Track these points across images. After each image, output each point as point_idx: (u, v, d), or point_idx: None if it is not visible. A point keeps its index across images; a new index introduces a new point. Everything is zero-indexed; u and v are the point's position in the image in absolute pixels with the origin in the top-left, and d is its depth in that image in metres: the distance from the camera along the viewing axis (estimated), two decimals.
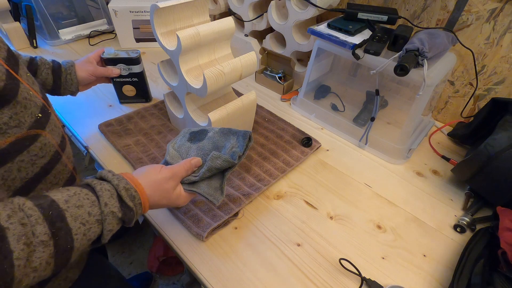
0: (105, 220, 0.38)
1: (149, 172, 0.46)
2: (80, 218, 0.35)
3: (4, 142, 0.36)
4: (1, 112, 0.36)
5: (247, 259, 0.54)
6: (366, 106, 0.85)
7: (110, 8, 1.06)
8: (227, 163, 0.51)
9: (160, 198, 0.45)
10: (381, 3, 0.87)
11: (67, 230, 0.34)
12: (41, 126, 0.42)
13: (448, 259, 0.56)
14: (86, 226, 0.36)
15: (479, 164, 0.60)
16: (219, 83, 0.61)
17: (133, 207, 0.41)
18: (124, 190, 0.40)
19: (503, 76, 0.75)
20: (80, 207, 0.36)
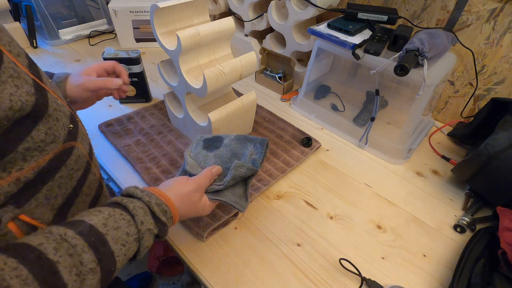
0: (142, 238, 0.38)
1: (175, 185, 0.46)
2: (120, 240, 0.35)
3: (43, 160, 0.35)
4: (36, 130, 0.34)
5: (247, 259, 0.54)
6: (366, 106, 0.85)
7: (110, 8, 1.06)
8: (250, 171, 0.52)
9: (188, 210, 0.46)
10: (381, 3, 0.87)
11: (110, 254, 0.34)
12: (74, 137, 0.40)
13: (448, 259, 0.56)
14: (126, 247, 0.36)
15: (479, 164, 0.60)
16: (219, 83, 0.61)
17: (166, 222, 0.41)
18: (156, 206, 0.40)
19: (503, 76, 0.75)
20: (118, 228, 0.36)
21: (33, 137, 0.33)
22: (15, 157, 0.32)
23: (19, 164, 0.32)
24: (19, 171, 0.32)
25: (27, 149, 0.33)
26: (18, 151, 0.32)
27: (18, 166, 0.32)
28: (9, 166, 0.32)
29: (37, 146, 0.34)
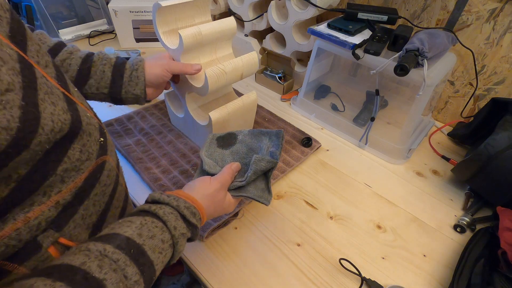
0: (177, 243, 0.38)
1: (200, 186, 0.46)
2: (158, 248, 0.35)
3: (80, 179, 0.33)
4: (72, 149, 0.32)
5: (247, 259, 0.54)
6: (366, 106, 0.85)
7: (110, 8, 1.06)
8: (271, 164, 0.52)
9: (214, 209, 0.46)
10: (381, 3, 0.87)
11: (150, 263, 0.34)
12: (105, 151, 0.38)
13: (448, 259, 0.56)
14: (163, 254, 0.36)
15: (479, 164, 0.60)
16: (220, 82, 0.61)
17: (197, 224, 0.41)
18: (185, 209, 0.40)
19: (503, 76, 0.75)
20: (153, 237, 0.35)
21: (70, 156, 0.32)
22: (55, 180, 0.31)
23: (58, 186, 0.31)
24: (58, 194, 0.31)
25: (65, 170, 0.31)
26: (57, 173, 0.31)
27: (57, 189, 0.31)
28: (49, 190, 0.30)
29: (73, 166, 0.32)
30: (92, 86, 0.53)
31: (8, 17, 0.29)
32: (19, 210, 0.28)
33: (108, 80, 0.54)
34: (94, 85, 0.53)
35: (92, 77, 0.53)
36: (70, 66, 0.52)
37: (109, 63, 0.55)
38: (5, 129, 0.24)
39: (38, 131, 0.27)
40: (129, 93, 0.56)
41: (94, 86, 0.53)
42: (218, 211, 0.47)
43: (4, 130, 0.24)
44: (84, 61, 0.53)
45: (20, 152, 0.26)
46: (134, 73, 0.55)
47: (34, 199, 0.29)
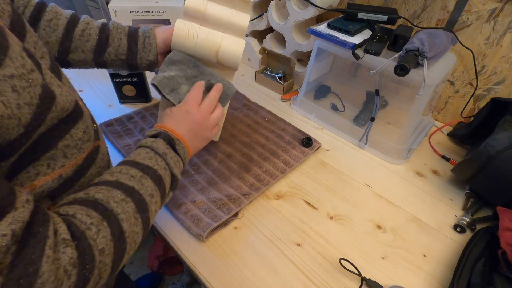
0: (153, 148, 0.44)
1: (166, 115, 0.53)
2: (146, 157, 0.43)
3: (80, 158, 0.38)
4: (76, 128, 0.37)
5: (247, 259, 0.54)
6: (366, 106, 0.85)
7: (110, 8, 1.06)
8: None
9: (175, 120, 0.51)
10: (381, 3, 0.87)
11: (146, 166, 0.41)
12: (98, 137, 0.43)
13: (448, 259, 0.56)
14: (153, 159, 0.43)
15: (479, 164, 0.60)
16: (187, 42, 0.57)
17: (160, 131, 0.47)
18: (148, 132, 0.48)
19: (503, 76, 0.75)
20: (139, 154, 0.43)
21: (72, 135, 0.36)
22: (56, 154, 0.34)
23: (61, 161, 0.35)
24: (61, 168, 0.35)
25: (67, 146, 0.35)
26: (58, 147, 0.34)
27: (60, 163, 0.35)
28: (52, 163, 0.34)
29: (75, 144, 0.37)
30: (111, 53, 0.57)
31: (10, 10, 0.32)
32: (26, 178, 0.32)
33: (125, 47, 0.57)
34: (113, 52, 0.57)
35: (111, 45, 0.56)
36: (90, 35, 0.55)
37: (123, 31, 0.58)
38: (28, 105, 0.28)
39: (52, 108, 0.31)
40: (144, 59, 0.58)
41: (113, 53, 0.57)
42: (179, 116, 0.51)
43: (27, 105, 0.28)
44: (101, 30, 0.56)
45: (40, 125, 0.30)
46: (146, 40, 0.58)
47: (39, 170, 0.33)
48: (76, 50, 0.54)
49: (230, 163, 0.70)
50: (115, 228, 0.34)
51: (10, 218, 0.25)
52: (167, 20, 1.01)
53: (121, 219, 0.35)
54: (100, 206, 0.34)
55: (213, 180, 0.66)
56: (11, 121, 0.27)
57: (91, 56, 0.56)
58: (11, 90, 0.26)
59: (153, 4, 1.07)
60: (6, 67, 0.26)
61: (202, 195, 0.63)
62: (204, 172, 0.68)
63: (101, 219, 0.33)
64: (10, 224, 0.25)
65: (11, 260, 0.25)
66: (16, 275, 0.25)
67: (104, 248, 0.32)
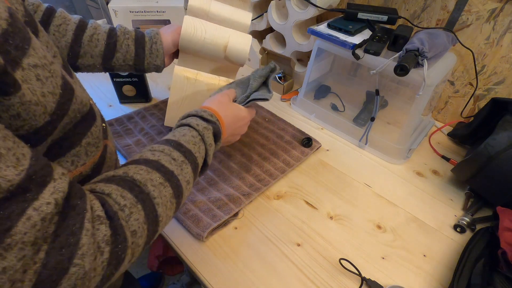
0: (204, 135, 0.45)
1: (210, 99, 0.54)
2: (191, 141, 0.43)
3: (97, 155, 0.39)
4: (95, 126, 0.38)
5: (247, 259, 0.54)
6: (366, 106, 0.85)
7: (110, 8, 1.06)
8: (267, 69, 0.58)
9: (226, 111, 0.52)
10: (381, 3, 0.87)
11: (189, 152, 0.41)
12: (106, 136, 0.44)
13: (448, 259, 0.56)
14: (197, 146, 0.43)
15: (479, 164, 0.60)
16: (195, 37, 0.58)
17: (215, 121, 0.48)
18: (202, 112, 0.48)
19: (503, 76, 0.75)
20: (185, 135, 0.43)
21: (92, 132, 0.37)
22: (80, 151, 0.35)
23: (83, 158, 0.36)
24: (83, 166, 0.36)
25: (88, 144, 0.36)
26: (82, 145, 0.35)
27: (82, 161, 0.36)
28: (76, 160, 0.35)
29: (94, 141, 0.37)
30: (119, 59, 0.59)
31: (23, 10, 0.33)
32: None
33: (133, 53, 0.59)
34: (121, 58, 0.59)
35: (119, 51, 0.58)
36: (98, 41, 0.57)
37: (131, 37, 0.59)
38: (52, 94, 0.29)
39: (73, 100, 0.32)
40: (151, 64, 0.61)
41: (121, 58, 0.59)
42: (232, 115, 0.53)
43: (51, 94, 0.29)
44: (109, 35, 0.57)
45: (64, 116, 0.31)
46: (154, 46, 0.60)
47: (63, 166, 0.34)
48: (85, 55, 0.56)
49: (230, 163, 0.70)
50: (150, 211, 0.34)
51: (52, 187, 0.25)
52: (167, 20, 1.01)
53: (156, 203, 0.34)
54: (136, 188, 0.33)
55: (213, 180, 0.66)
56: (38, 108, 0.27)
57: (100, 61, 0.57)
58: (36, 79, 0.27)
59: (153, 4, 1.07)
60: (30, 56, 0.27)
61: (202, 195, 0.63)
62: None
63: (135, 201, 0.32)
64: (53, 193, 0.25)
65: (54, 229, 0.25)
66: (59, 244, 0.25)
67: (136, 230, 0.32)
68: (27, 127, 0.27)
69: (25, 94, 0.26)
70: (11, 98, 0.25)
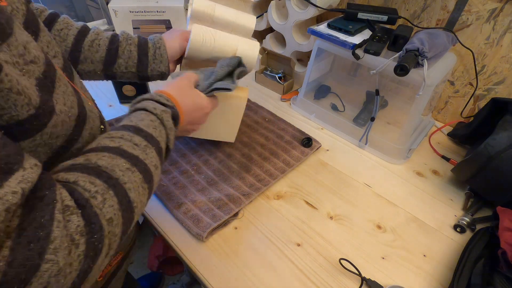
0: (162, 119, 0.42)
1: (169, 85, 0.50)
2: (150, 125, 0.40)
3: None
4: (85, 130, 0.37)
5: (247, 259, 0.54)
6: (366, 106, 0.85)
7: (110, 8, 1.06)
8: (233, 60, 0.55)
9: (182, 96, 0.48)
10: (381, 3, 0.87)
11: (150, 136, 0.39)
12: None
13: (448, 259, 0.56)
14: (157, 130, 0.40)
15: (479, 164, 0.60)
16: (204, 46, 0.57)
17: (172, 105, 0.45)
18: (158, 96, 0.44)
19: (503, 76, 0.75)
20: (143, 119, 0.40)
21: (83, 137, 0.36)
22: (70, 157, 0.33)
23: None
24: None
25: (79, 150, 0.35)
26: (72, 151, 0.34)
27: None
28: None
29: (83, 147, 0.36)
30: (121, 65, 0.56)
31: (24, 10, 0.33)
32: None
33: (135, 59, 0.56)
34: (123, 65, 0.56)
35: (121, 57, 0.56)
36: (99, 46, 0.55)
37: (133, 43, 0.57)
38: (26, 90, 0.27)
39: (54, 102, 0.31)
40: (155, 71, 0.58)
41: (123, 65, 0.56)
42: (192, 102, 0.50)
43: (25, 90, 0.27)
44: (111, 41, 0.56)
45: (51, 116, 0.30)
46: (157, 51, 0.57)
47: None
48: (85, 60, 0.54)
49: (230, 163, 0.70)
50: (122, 197, 0.32)
51: (20, 176, 0.23)
52: (167, 20, 1.01)
53: (128, 188, 0.32)
54: (104, 174, 0.31)
55: (213, 180, 0.66)
56: (20, 98, 0.26)
57: (101, 67, 0.55)
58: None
59: (153, 4, 1.07)
60: (1, 52, 0.26)
61: (202, 195, 0.62)
62: (204, 172, 0.68)
63: (106, 187, 0.30)
64: (20, 182, 0.23)
65: (18, 223, 0.23)
66: (26, 239, 0.23)
67: (112, 218, 0.30)
68: (6, 117, 0.26)
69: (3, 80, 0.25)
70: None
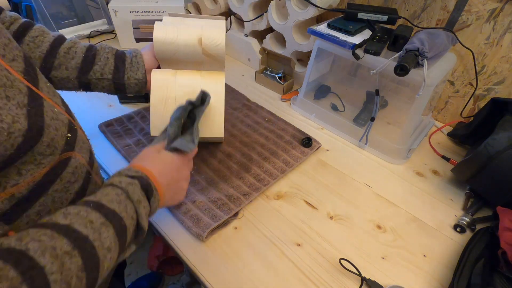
0: (128, 192, 0.39)
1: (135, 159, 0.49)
2: (114, 200, 0.37)
3: (39, 174, 0.33)
4: (40, 142, 0.32)
5: (247, 259, 0.54)
6: (366, 106, 0.85)
7: (110, 8, 1.07)
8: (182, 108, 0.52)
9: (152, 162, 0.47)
10: (381, 3, 0.87)
11: (112, 212, 0.35)
12: (71, 147, 0.39)
13: (448, 259, 0.56)
14: (122, 204, 0.37)
15: (479, 164, 0.60)
16: (168, 37, 0.58)
17: (142, 176, 0.42)
18: (126, 170, 0.42)
19: (503, 76, 0.75)
20: (107, 194, 0.37)
21: (36, 151, 0.32)
22: (10, 171, 0.30)
23: (14, 178, 0.31)
24: (14, 186, 0.31)
25: (23, 163, 0.31)
26: (15, 165, 0.30)
27: (13, 181, 0.31)
28: (4, 181, 0.30)
29: (33, 159, 0.32)
30: (96, 72, 0.56)
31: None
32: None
33: (112, 66, 0.56)
34: (99, 71, 0.56)
35: (97, 64, 0.56)
36: (75, 53, 0.55)
37: (111, 52, 0.58)
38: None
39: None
40: (132, 78, 0.58)
41: (99, 72, 0.56)
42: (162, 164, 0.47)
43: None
44: (88, 49, 0.56)
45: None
46: (134, 59, 0.58)
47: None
48: (59, 67, 0.53)
49: (230, 163, 0.70)
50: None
51: None
52: None
53: (53, 280, 0.27)
54: (26, 262, 0.26)
55: (213, 180, 0.66)
56: None
57: (75, 74, 0.55)
58: None
59: (153, 4, 1.07)
60: None
61: (202, 195, 0.63)
62: (204, 172, 0.68)
63: (19, 281, 0.25)
64: None
65: None
66: None
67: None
68: None
69: None
70: None
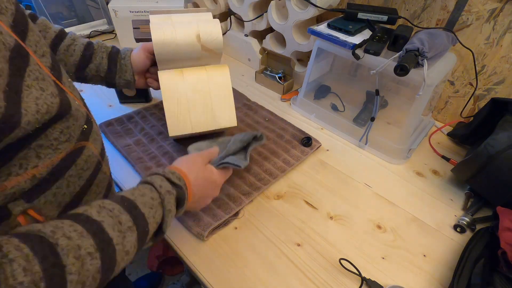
0: (164, 199, 0.42)
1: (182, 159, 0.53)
2: (148, 204, 0.40)
3: (56, 158, 0.36)
4: (52, 128, 0.35)
5: (247, 259, 0.54)
6: (366, 106, 0.85)
7: (110, 8, 1.06)
8: (249, 135, 0.60)
9: (197, 174, 0.50)
10: (381, 3, 0.87)
11: (142, 216, 0.39)
12: (86, 138, 0.42)
13: (448, 259, 0.56)
14: (153, 210, 0.40)
15: (479, 164, 0.60)
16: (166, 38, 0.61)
17: (182, 186, 0.45)
18: (170, 173, 0.45)
19: (503, 76, 0.75)
20: (144, 195, 0.40)
21: (47, 135, 0.35)
22: (29, 154, 0.33)
23: (34, 161, 0.34)
24: (34, 168, 0.34)
25: (40, 146, 0.34)
26: (31, 147, 0.33)
27: (33, 163, 0.34)
28: (25, 163, 0.33)
29: (50, 144, 0.35)
30: (92, 69, 0.63)
31: (13, 9, 0.33)
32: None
33: (105, 66, 0.64)
34: (94, 68, 0.63)
35: (93, 62, 0.63)
36: (74, 51, 0.61)
37: (106, 51, 0.64)
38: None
39: (22, 112, 0.30)
40: (121, 79, 0.66)
41: (94, 69, 0.63)
42: (203, 178, 0.51)
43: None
44: (86, 48, 0.62)
45: (13, 129, 0.29)
46: (122, 61, 0.65)
47: (11, 170, 0.32)
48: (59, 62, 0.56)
49: None
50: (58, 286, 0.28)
51: None
52: None
53: (70, 280, 0.28)
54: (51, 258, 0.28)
55: None
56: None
57: (73, 69, 0.61)
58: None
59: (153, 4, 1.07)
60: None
61: None
62: None
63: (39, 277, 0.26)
64: None
65: None
66: None
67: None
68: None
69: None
70: None
